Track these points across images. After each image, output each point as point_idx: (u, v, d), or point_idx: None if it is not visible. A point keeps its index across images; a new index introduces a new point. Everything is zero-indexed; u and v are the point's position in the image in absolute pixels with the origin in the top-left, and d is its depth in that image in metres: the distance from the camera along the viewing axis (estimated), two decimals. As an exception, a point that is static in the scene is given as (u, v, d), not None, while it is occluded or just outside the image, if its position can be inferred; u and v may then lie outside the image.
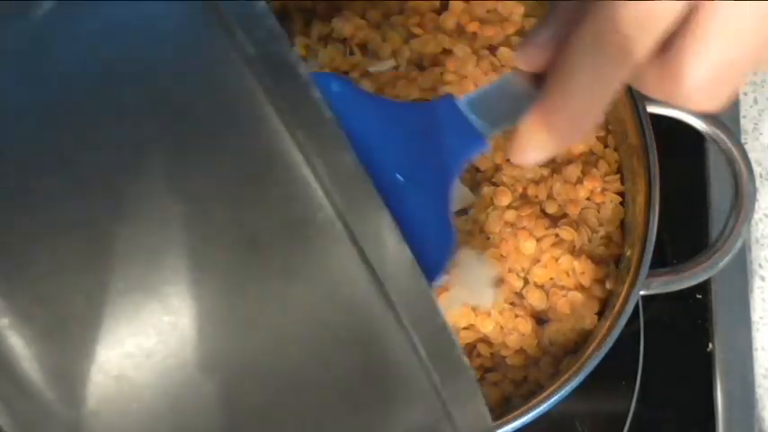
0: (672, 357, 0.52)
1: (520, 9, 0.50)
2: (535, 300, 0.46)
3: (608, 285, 0.47)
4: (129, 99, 0.20)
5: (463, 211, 0.48)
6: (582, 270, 0.46)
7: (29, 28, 0.21)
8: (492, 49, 0.50)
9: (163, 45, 0.21)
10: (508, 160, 0.48)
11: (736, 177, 0.47)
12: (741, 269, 0.53)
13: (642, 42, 0.25)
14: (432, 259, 0.27)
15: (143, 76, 0.20)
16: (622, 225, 0.48)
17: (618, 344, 0.44)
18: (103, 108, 0.20)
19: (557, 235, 0.47)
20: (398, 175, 0.27)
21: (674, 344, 0.52)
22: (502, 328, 0.46)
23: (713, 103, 0.26)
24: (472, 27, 0.50)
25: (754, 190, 0.47)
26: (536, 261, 0.47)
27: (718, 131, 0.47)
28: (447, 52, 0.50)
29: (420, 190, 0.27)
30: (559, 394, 0.43)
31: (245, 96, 0.19)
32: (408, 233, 0.23)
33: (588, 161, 0.48)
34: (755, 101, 0.56)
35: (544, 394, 0.43)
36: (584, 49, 0.26)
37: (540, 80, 0.29)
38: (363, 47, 0.50)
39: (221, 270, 0.19)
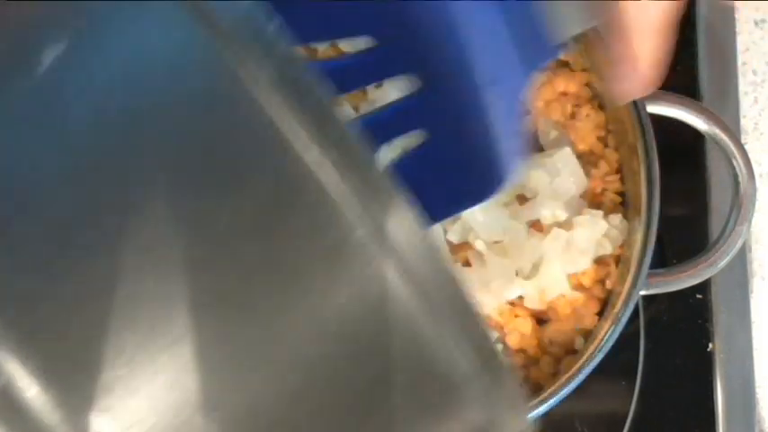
0: (672, 357, 0.52)
1: (520, 9, 0.50)
2: (535, 300, 0.46)
3: (608, 285, 0.47)
4: (150, 144, 0.20)
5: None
6: (582, 270, 0.46)
7: (31, 86, 0.20)
8: (492, 49, 0.50)
9: (176, 82, 0.20)
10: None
11: (736, 177, 0.47)
12: (741, 269, 0.53)
13: None
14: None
15: (161, 118, 0.20)
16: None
17: (618, 344, 0.44)
18: (123, 157, 0.20)
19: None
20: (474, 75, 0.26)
21: (674, 344, 0.52)
22: (502, 328, 0.46)
23: None
24: (472, 27, 0.50)
25: (754, 190, 0.47)
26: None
27: (718, 131, 0.47)
28: (447, 52, 0.50)
29: (491, 93, 0.27)
30: (559, 394, 0.43)
31: (266, 124, 0.19)
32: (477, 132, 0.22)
33: (588, 161, 0.48)
34: (755, 101, 0.56)
35: (544, 394, 0.43)
36: None
37: None
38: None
39: (260, 307, 0.19)
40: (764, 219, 0.55)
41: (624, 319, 0.44)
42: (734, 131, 0.48)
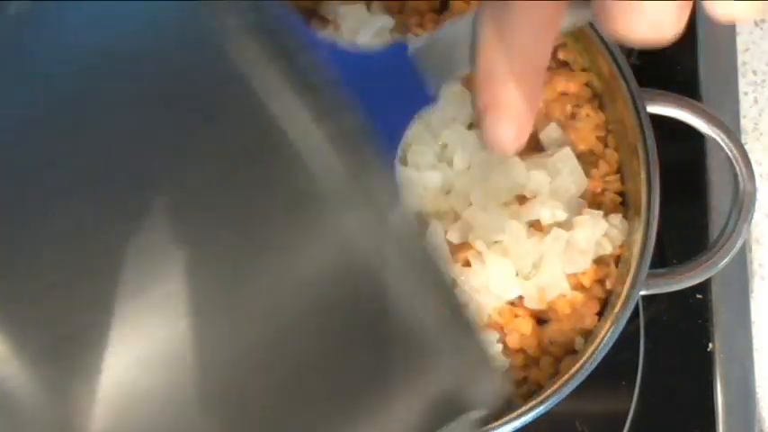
0: (672, 357, 0.52)
1: (520, 9, 0.50)
2: (535, 300, 0.46)
3: (608, 285, 0.47)
4: (120, 86, 0.19)
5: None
6: (582, 270, 0.46)
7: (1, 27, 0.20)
8: (492, 49, 0.50)
9: (148, 23, 0.20)
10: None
11: (736, 177, 0.47)
12: (741, 269, 0.53)
13: None
14: None
15: (133, 60, 0.20)
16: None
17: (618, 344, 0.44)
18: (94, 99, 0.19)
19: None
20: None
21: (674, 344, 0.52)
22: (502, 328, 0.46)
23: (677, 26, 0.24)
24: (472, 27, 0.50)
25: (754, 190, 0.47)
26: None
27: (718, 131, 0.47)
28: (447, 52, 0.50)
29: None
30: (559, 394, 0.43)
31: (239, 68, 0.19)
32: None
33: (588, 161, 0.48)
34: (755, 101, 0.56)
35: (544, 394, 0.43)
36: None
37: None
38: (363, 47, 0.50)
39: (229, 255, 0.19)
40: (764, 219, 0.55)
41: (624, 319, 0.44)
42: (734, 131, 0.48)
